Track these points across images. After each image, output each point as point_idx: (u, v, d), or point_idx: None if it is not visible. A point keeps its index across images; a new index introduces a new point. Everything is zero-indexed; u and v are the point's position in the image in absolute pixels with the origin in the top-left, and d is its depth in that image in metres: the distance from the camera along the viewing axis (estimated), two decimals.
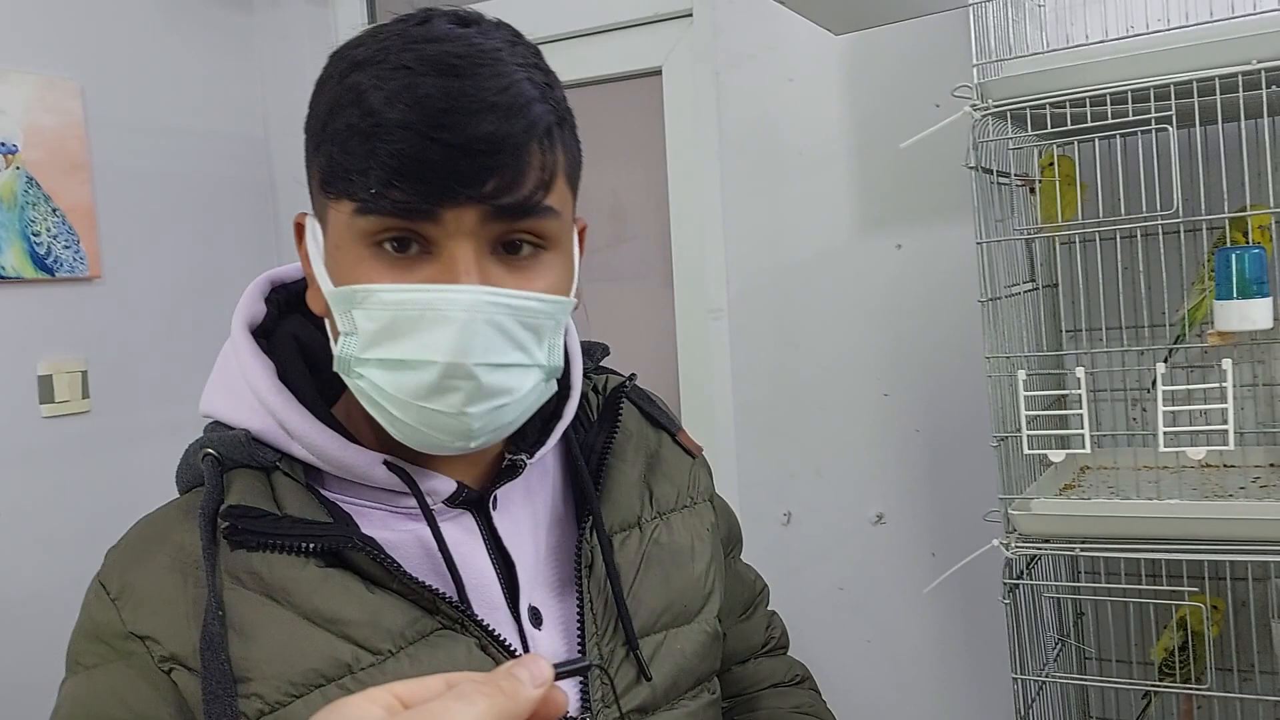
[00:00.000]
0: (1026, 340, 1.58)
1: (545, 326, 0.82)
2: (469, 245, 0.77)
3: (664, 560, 0.97)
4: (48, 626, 2.20)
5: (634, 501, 0.98)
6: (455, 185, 0.75)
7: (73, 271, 2.24)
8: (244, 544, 0.81)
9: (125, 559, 0.85)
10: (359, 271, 0.79)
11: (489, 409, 0.80)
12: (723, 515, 1.12)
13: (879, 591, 2.20)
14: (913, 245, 2.11)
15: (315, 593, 0.81)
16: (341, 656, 0.80)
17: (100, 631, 0.82)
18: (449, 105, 0.74)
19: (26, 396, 2.17)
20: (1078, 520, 1.46)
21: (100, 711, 0.80)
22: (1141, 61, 1.36)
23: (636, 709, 0.90)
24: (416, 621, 0.82)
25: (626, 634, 0.91)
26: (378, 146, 0.75)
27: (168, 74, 2.47)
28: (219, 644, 0.77)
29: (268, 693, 0.78)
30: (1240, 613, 1.74)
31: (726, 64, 2.26)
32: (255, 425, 0.86)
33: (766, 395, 2.27)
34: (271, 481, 0.85)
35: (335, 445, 0.85)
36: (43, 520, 2.18)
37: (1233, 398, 1.34)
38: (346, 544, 0.81)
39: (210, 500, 0.82)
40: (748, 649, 1.16)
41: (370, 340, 0.79)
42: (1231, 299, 1.33)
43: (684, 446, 1.07)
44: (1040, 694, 1.66)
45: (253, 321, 0.93)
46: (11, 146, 2.14)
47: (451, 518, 0.89)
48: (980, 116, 1.46)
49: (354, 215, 0.78)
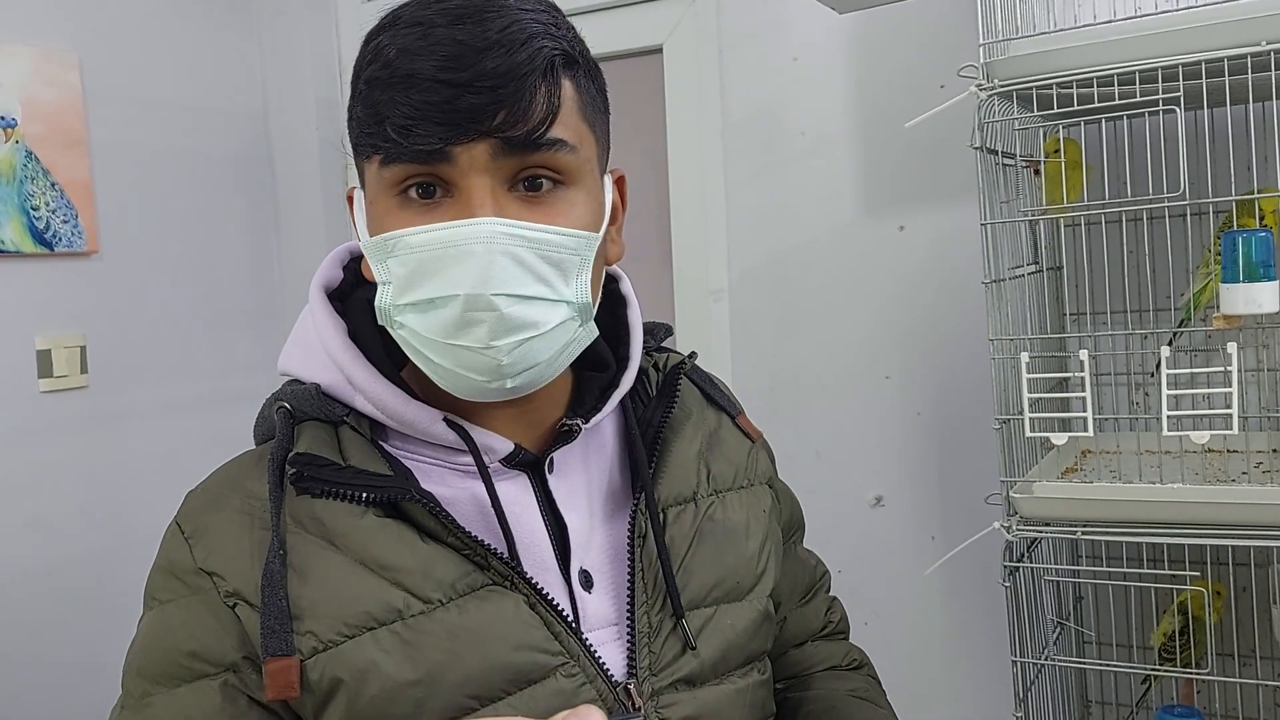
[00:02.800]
0: (1030, 323, 1.57)
1: (569, 262, 0.84)
2: (484, 181, 0.81)
3: (718, 536, 0.98)
4: (44, 602, 2.21)
5: (690, 477, 0.99)
6: (464, 121, 0.79)
7: (71, 246, 2.23)
8: (308, 490, 0.86)
9: (200, 502, 0.90)
10: (389, 221, 0.83)
11: (515, 342, 0.82)
12: (785, 500, 1.14)
13: (878, 574, 2.20)
14: (915, 227, 2.10)
15: (371, 540, 0.85)
16: (393, 602, 0.83)
17: (174, 568, 0.87)
18: (457, 49, 0.78)
19: (25, 371, 2.17)
20: (1080, 504, 1.45)
21: (172, 643, 0.85)
22: (1149, 42, 1.35)
23: (683, 679, 0.91)
24: (468, 575, 0.86)
25: (674, 605, 0.92)
26: (394, 95, 0.79)
27: (166, 48, 2.46)
28: (279, 582, 0.82)
29: (321, 630, 0.82)
30: (1240, 597, 1.73)
31: (729, 43, 2.25)
32: (325, 380, 0.91)
33: (767, 377, 2.27)
34: (339, 434, 0.89)
35: (398, 401, 0.89)
36: (40, 494, 2.18)
37: (1238, 382, 1.33)
38: (404, 496, 0.85)
39: (280, 448, 0.87)
40: (806, 633, 1.16)
41: (403, 286, 0.82)
42: (1238, 282, 1.32)
43: (744, 430, 1.08)
44: (1039, 677, 1.65)
45: (329, 285, 0.97)
46: (11, 120, 2.13)
47: (508, 478, 0.91)
48: (986, 96, 1.45)
49: (380, 168, 0.82)
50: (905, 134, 1.99)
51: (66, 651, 2.22)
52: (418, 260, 0.81)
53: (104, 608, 2.26)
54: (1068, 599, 1.86)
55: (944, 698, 2.15)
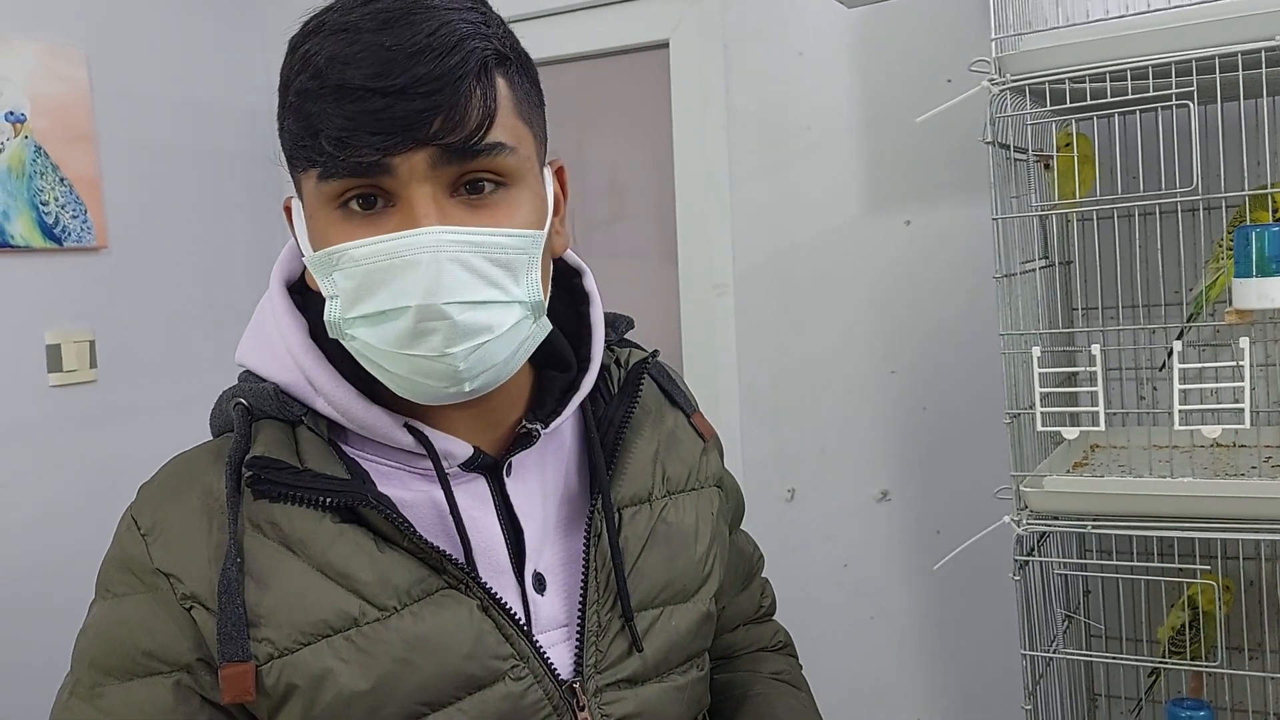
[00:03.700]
0: (1040, 318, 1.57)
1: (517, 261, 0.83)
2: (426, 189, 0.79)
3: (670, 539, 0.99)
4: (54, 594, 2.21)
5: (647, 477, 1.00)
6: (400, 131, 0.77)
7: (80, 241, 2.23)
8: (266, 494, 0.85)
9: (157, 496, 0.89)
10: (331, 235, 0.82)
11: (470, 348, 0.81)
12: (731, 496, 1.15)
13: (883, 569, 2.20)
14: (921, 222, 2.10)
15: (330, 547, 0.84)
16: (349, 610, 0.83)
17: (130, 563, 0.86)
18: (385, 55, 0.77)
19: (35, 366, 2.17)
20: (1091, 498, 1.46)
21: (126, 638, 0.85)
22: (1162, 37, 1.35)
23: (626, 679, 0.93)
24: (423, 580, 0.86)
25: (624, 606, 0.93)
26: (326, 107, 0.78)
27: (173, 43, 2.46)
28: (235, 588, 0.81)
29: (278, 638, 0.82)
30: (1249, 591, 1.74)
31: (735, 37, 2.25)
32: (284, 379, 0.90)
33: (771, 372, 2.27)
34: (296, 435, 0.89)
35: (359, 405, 0.88)
36: (49, 489, 2.18)
37: (1249, 376, 1.34)
38: (361, 501, 0.84)
39: (237, 450, 0.86)
40: (739, 618, 1.19)
41: (351, 299, 0.81)
42: (1250, 277, 1.32)
43: (697, 429, 1.08)
44: (1048, 670, 1.66)
45: (290, 278, 0.96)
46: (20, 115, 2.13)
47: (465, 481, 0.91)
48: (998, 91, 1.45)
49: (318, 182, 0.81)
50: (911, 129, 2.00)
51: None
52: (364, 273, 0.80)
53: None
54: (1076, 593, 1.86)
55: (946, 692, 2.16)
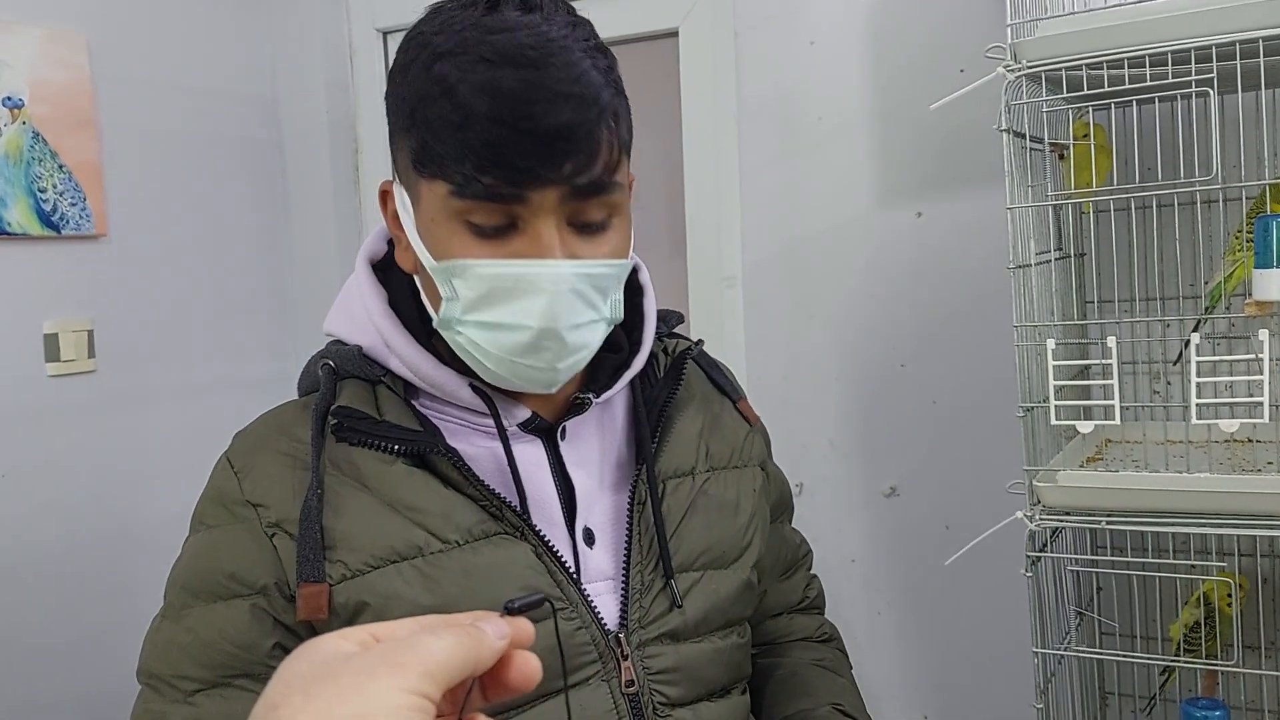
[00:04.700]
0: (1053, 310, 1.55)
1: (611, 285, 0.96)
2: (552, 221, 0.90)
3: (710, 509, 1.08)
4: (52, 585, 2.19)
5: (690, 453, 1.09)
6: (538, 169, 0.87)
7: (79, 229, 2.21)
8: (347, 439, 0.97)
9: (249, 442, 1.01)
10: (454, 245, 0.91)
11: (572, 362, 0.95)
12: (775, 482, 1.25)
13: (891, 564, 2.18)
14: (933, 213, 2.07)
15: (400, 485, 0.96)
16: (415, 540, 0.94)
17: (223, 497, 0.98)
18: (529, 97, 0.85)
19: (32, 355, 2.15)
20: (1105, 493, 1.43)
21: (214, 563, 0.96)
22: (1181, 22, 1.33)
23: (668, 634, 1.01)
24: (483, 523, 0.96)
25: (665, 566, 1.02)
26: (469, 137, 0.86)
27: (175, 29, 2.43)
28: (315, 515, 0.92)
29: (350, 560, 0.93)
30: (1263, 588, 1.71)
31: (745, 26, 2.22)
32: (366, 343, 1.01)
33: (780, 365, 2.25)
34: (376, 392, 1.00)
35: (430, 365, 0.99)
36: (48, 478, 2.16)
37: (1268, 370, 1.31)
38: (431, 449, 0.96)
39: (324, 400, 0.97)
40: (784, 605, 1.27)
41: (470, 305, 0.92)
42: (1271, 267, 1.29)
43: (743, 414, 1.18)
44: (1059, 668, 1.64)
45: (374, 256, 1.07)
46: (18, 101, 2.10)
47: (524, 441, 1.02)
48: (1014, 78, 1.43)
49: (449, 196, 0.90)
50: (923, 119, 1.97)
51: (75, 635, 2.20)
52: (488, 288, 0.91)
53: (112, 592, 2.24)
54: (1088, 589, 1.84)
55: (955, 688, 2.14)
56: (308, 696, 0.51)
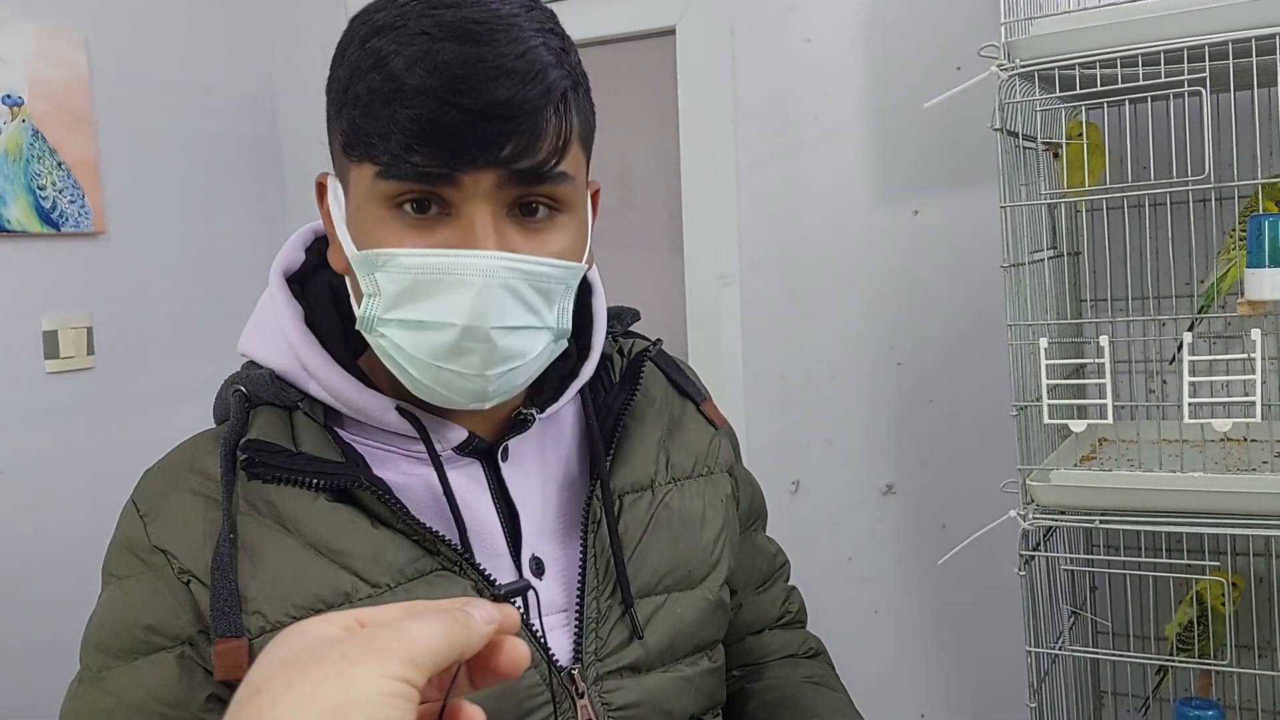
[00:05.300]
0: (1048, 309, 1.55)
1: (556, 291, 0.85)
2: (486, 209, 0.81)
3: (672, 524, 0.98)
4: (49, 581, 2.20)
5: (649, 464, 1.00)
6: (473, 150, 0.78)
7: (78, 226, 2.21)
8: (260, 476, 0.86)
9: (156, 481, 0.91)
10: (379, 233, 0.82)
11: (504, 371, 0.84)
12: (745, 487, 1.13)
13: (888, 562, 2.18)
14: (929, 211, 2.08)
15: (322, 525, 0.86)
16: (342, 585, 0.84)
17: (131, 544, 0.88)
18: (467, 71, 0.77)
19: (31, 352, 2.15)
20: (1098, 492, 1.43)
21: (130, 617, 0.86)
22: (1174, 21, 1.33)
23: (629, 666, 0.92)
24: (417, 560, 0.86)
25: (624, 592, 0.92)
26: (398, 111, 0.77)
27: (173, 28, 2.44)
28: (228, 564, 0.83)
29: (270, 612, 0.83)
30: (1258, 587, 1.71)
31: (742, 24, 2.22)
32: (281, 366, 0.91)
33: (777, 363, 2.25)
34: (292, 420, 0.90)
35: (351, 389, 0.89)
36: (46, 475, 2.17)
37: (1261, 369, 1.31)
38: (354, 483, 0.86)
39: (233, 433, 0.88)
40: (762, 620, 1.15)
41: (392, 301, 0.82)
42: (1263, 267, 1.29)
43: (707, 417, 1.09)
44: (1053, 667, 1.64)
45: (289, 268, 0.97)
46: (17, 98, 2.11)
47: (460, 466, 0.92)
48: (1007, 77, 1.43)
49: (375, 178, 0.81)
50: (919, 117, 1.97)
51: (72, 633, 2.20)
52: (412, 280, 0.81)
53: None
54: (1082, 588, 1.84)
55: (951, 687, 2.14)
56: (289, 681, 0.50)
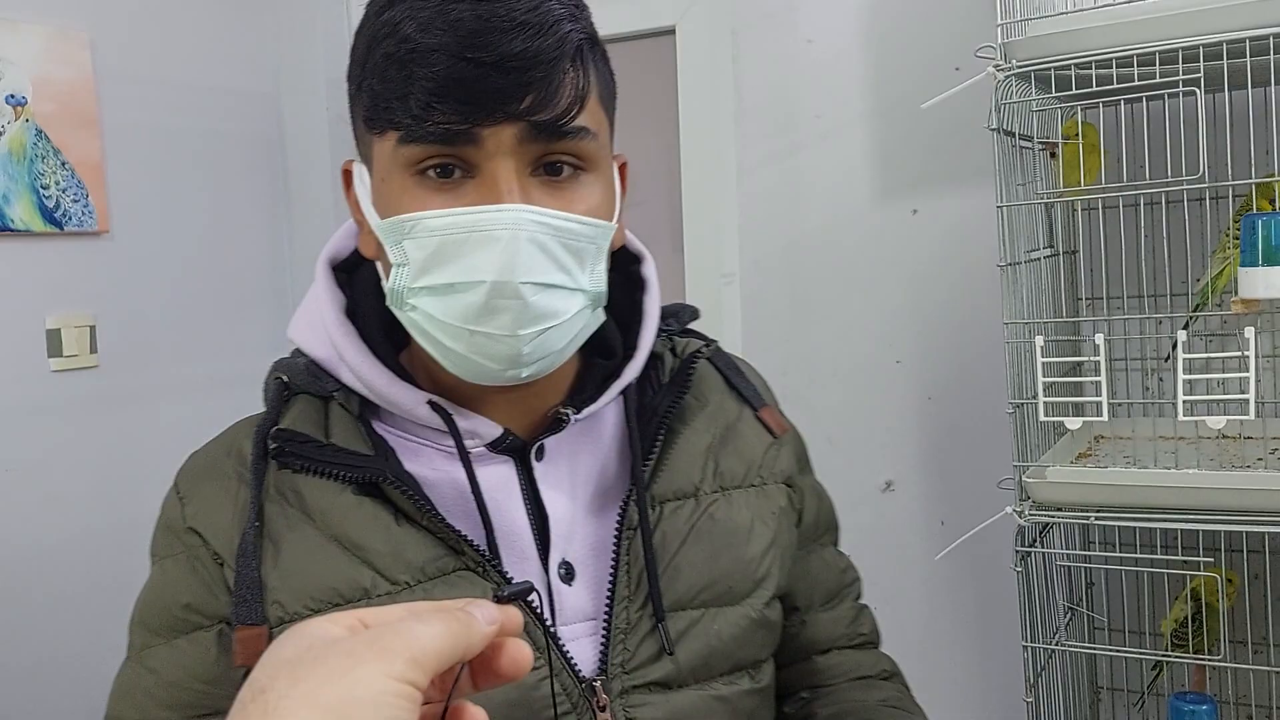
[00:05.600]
0: (1044, 307, 1.56)
1: (587, 250, 0.84)
2: (509, 164, 0.80)
3: (715, 536, 0.93)
4: (52, 580, 2.21)
5: (694, 471, 0.95)
6: (492, 103, 0.77)
7: (81, 225, 2.23)
8: (288, 465, 0.87)
9: (198, 463, 0.93)
10: (404, 201, 0.82)
11: (537, 331, 0.82)
12: (810, 499, 1.07)
13: (887, 559, 2.19)
14: (929, 210, 2.09)
15: (345, 518, 0.85)
16: (360, 581, 0.84)
17: (170, 525, 0.91)
18: (480, 26, 0.77)
19: (35, 350, 2.16)
20: (1094, 489, 1.45)
21: (168, 596, 0.88)
22: (1169, 22, 1.34)
23: (657, 682, 0.88)
24: (439, 559, 0.85)
25: (655, 604, 0.88)
26: (415, 71, 0.78)
27: (177, 27, 2.45)
28: (251, 552, 0.84)
29: (288, 602, 0.83)
30: (1253, 584, 1.72)
31: (743, 24, 2.23)
32: (320, 354, 0.92)
33: (778, 361, 2.26)
34: (328, 410, 0.90)
35: (383, 380, 0.88)
36: (50, 474, 2.18)
37: (1255, 367, 1.32)
38: (380, 477, 0.85)
39: (266, 420, 0.89)
40: (829, 640, 1.07)
41: (420, 268, 0.81)
42: (1257, 266, 1.31)
43: (765, 423, 1.03)
44: (1050, 662, 1.65)
45: (337, 257, 0.96)
46: (21, 98, 2.12)
47: (493, 462, 0.90)
48: (1004, 77, 1.44)
49: (398, 145, 0.80)
50: (919, 117, 1.98)
51: (75, 631, 2.22)
52: (438, 243, 0.80)
53: (114, 587, 2.25)
54: (1079, 584, 1.85)
55: (951, 683, 2.15)
56: (293, 680, 0.51)
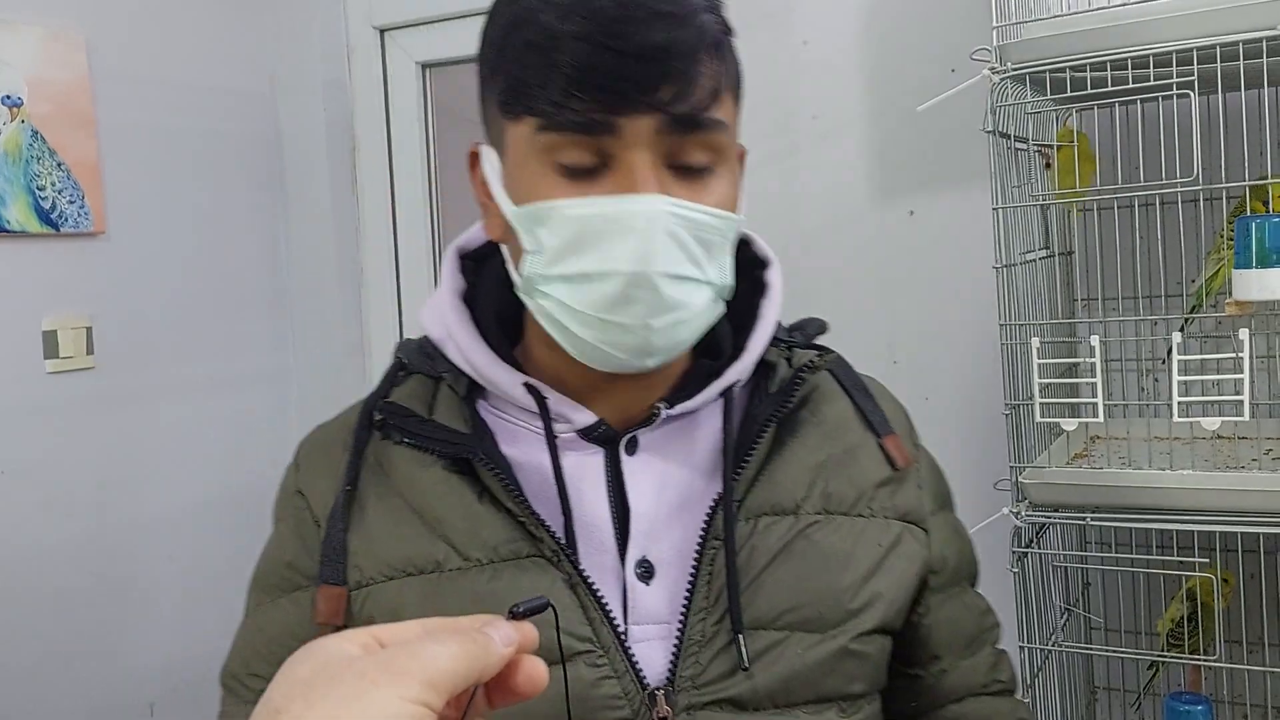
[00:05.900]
0: (1040, 308, 1.56)
1: (716, 243, 0.84)
2: (646, 156, 0.79)
3: (808, 558, 0.89)
4: (51, 582, 2.21)
5: (798, 488, 0.91)
6: (632, 93, 0.77)
7: (77, 226, 2.22)
8: (389, 436, 0.91)
9: (316, 435, 0.98)
10: (541, 189, 0.81)
11: (669, 322, 0.82)
12: (949, 541, 1.02)
13: None
14: (925, 211, 2.09)
15: (430, 491, 0.88)
16: (435, 553, 0.86)
17: (285, 488, 0.97)
18: (621, 15, 0.76)
19: (30, 352, 2.16)
20: (1090, 489, 1.45)
21: (278, 555, 0.95)
22: (1164, 25, 1.34)
23: (730, 700, 0.85)
24: (514, 542, 0.86)
25: (734, 618, 0.85)
26: (556, 59, 0.77)
27: (174, 28, 2.45)
28: (340, 515, 0.88)
29: (366, 567, 0.87)
30: (1249, 584, 1.73)
31: (739, 26, 2.18)
32: (435, 333, 0.94)
33: None
34: (436, 389, 0.93)
35: (485, 359, 0.90)
36: (47, 475, 2.18)
37: (1249, 368, 1.33)
38: (471, 455, 0.87)
39: (376, 394, 0.93)
40: (967, 688, 1.04)
41: (555, 256, 0.81)
42: (1250, 268, 1.31)
43: (888, 453, 0.97)
44: (1046, 663, 1.65)
45: (467, 245, 0.98)
46: (16, 99, 2.12)
47: (583, 451, 0.90)
48: (999, 80, 1.44)
49: (535, 132, 0.80)
50: (916, 119, 1.98)
51: (73, 632, 2.22)
52: (574, 232, 0.80)
53: (110, 588, 2.26)
54: (1075, 585, 1.86)
55: None
56: (309, 702, 0.51)
